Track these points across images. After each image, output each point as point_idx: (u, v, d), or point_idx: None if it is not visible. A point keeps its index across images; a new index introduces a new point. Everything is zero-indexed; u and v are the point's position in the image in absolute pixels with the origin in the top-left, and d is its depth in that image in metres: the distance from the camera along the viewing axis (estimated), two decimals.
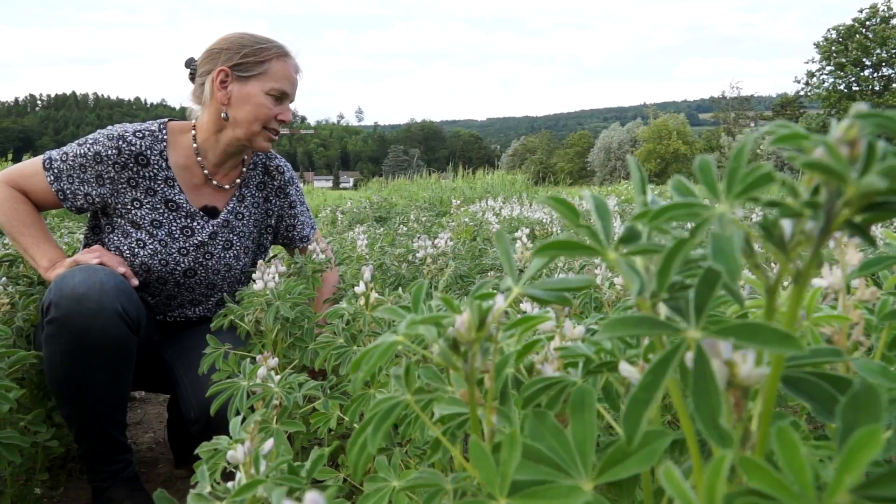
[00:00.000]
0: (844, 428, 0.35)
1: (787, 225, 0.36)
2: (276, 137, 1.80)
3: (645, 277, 0.38)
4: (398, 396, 0.55)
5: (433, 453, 0.62)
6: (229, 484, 0.71)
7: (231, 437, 0.84)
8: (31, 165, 1.68)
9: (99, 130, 1.72)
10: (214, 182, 1.81)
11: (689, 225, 0.38)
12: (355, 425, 1.06)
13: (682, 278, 0.39)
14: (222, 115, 1.74)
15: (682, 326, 0.37)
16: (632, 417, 0.37)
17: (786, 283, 0.42)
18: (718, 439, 0.34)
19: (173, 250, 1.73)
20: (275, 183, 1.93)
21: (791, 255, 0.36)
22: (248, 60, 1.71)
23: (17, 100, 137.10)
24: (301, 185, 2.10)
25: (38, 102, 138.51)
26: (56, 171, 1.66)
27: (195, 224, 1.77)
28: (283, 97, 1.77)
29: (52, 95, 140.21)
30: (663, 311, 0.40)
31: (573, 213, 0.43)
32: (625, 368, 0.50)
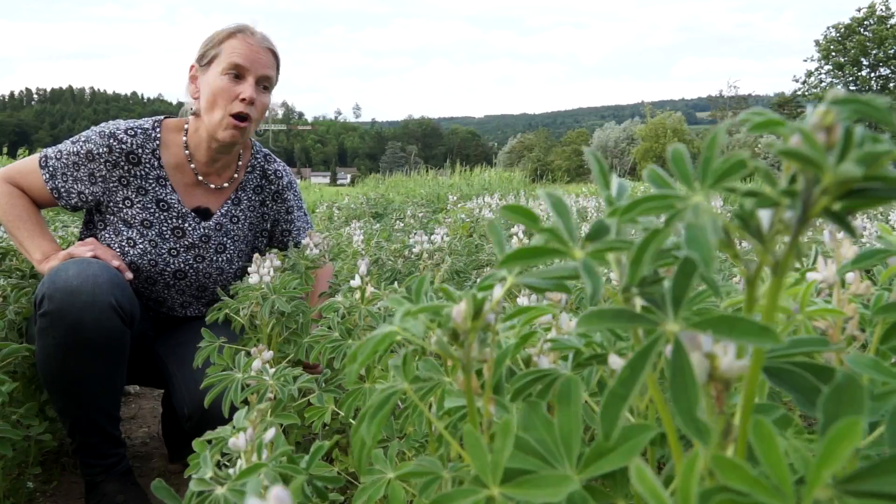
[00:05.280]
0: (826, 420, 0.35)
1: (764, 215, 0.36)
2: (243, 124, 1.67)
3: (600, 280, 0.38)
4: (395, 385, 0.54)
5: (437, 447, 0.62)
6: (230, 470, 0.71)
7: (231, 428, 0.84)
8: (28, 163, 1.68)
9: (93, 128, 1.71)
10: (203, 181, 1.78)
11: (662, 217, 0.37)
12: (352, 420, 1.06)
13: (657, 271, 0.39)
14: (193, 109, 1.73)
15: (659, 319, 0.36)
16: (609, 413, 0.37)
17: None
18: (696, 433, 0.34)
19: (163, 251, 1.72)
20: (272, 187, 1.89)
21: (769, 245, 0.36)
22: (207, 49, 1.69)
23: (12, 94, 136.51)
24: (298, 182, 2.08)
25: (35, 96, 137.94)
26: (51, 168, 1.65)
27: (186, 225, 1.75)
28: (241, 73, 1.65)
29: (49, 90, 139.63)
30: (639, 304, 0.39)
31: (531, 219, 0.43)
32: (614, 361, 0.49)
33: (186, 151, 1.75)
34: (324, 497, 0.77)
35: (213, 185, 1.79)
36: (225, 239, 1.81)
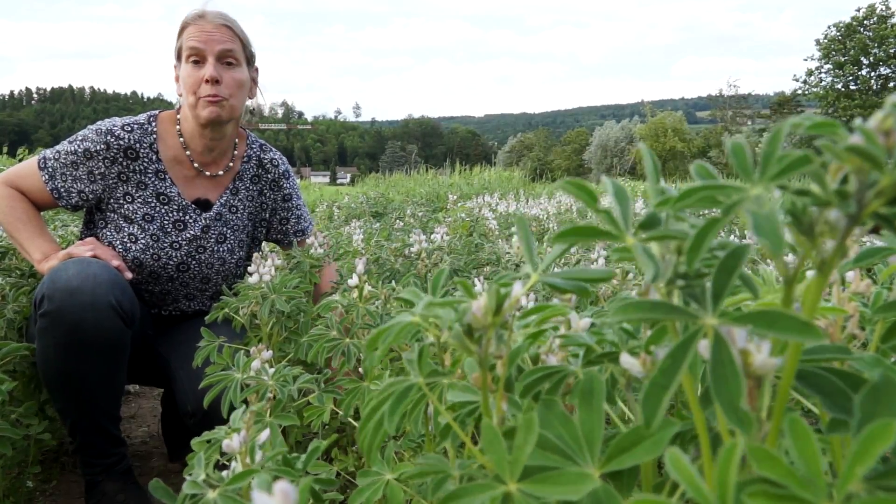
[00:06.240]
0: (862, 419, 0.35)
1: (814, 213, 0.36)
2: (216, 100, 1.67)
3: (661, 264, 0.38)
4: (410, 379, 0.54)
5: (443, 439, 0.61)
6: (224, 473, 0.71)
7: (226, 429, 0.83)
8: (28, 166, 1.68)
9: (89, 126, 1.71)
10: (207, 173, 1.79)
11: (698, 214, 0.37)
12: (350, 419, 1.05)
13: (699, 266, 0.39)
14: (179, 103, 1.76)
15: (699, 313, 0.36)
16: (651, 401, 0.37)
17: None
18: (738, 423, 0.34)
19: (165, 245, 1.72)
20: (269, 176, 1.91)
21: (816, 243, 0.36)
22: (177, 42, 1.72)
23: (12, 93, 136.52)
24: (297, 180, 2.08)
25: (35, 96, 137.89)
26: (50, 169, 1.65)
27: (188, 217, 1.75)
28: (200, 56, 1.67)
29: (49, 89, 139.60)
30: (676, 298, 0.39)
31: (591, 198, 0.43)
32: (626, 360, 0.49)
33: (182, 140, 1.76)
34: (319, 500, 0.76)
35: (208, 173, 1.80)
36: (225, 229, 1.82)
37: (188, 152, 1.76)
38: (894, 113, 0.32)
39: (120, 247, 1.69)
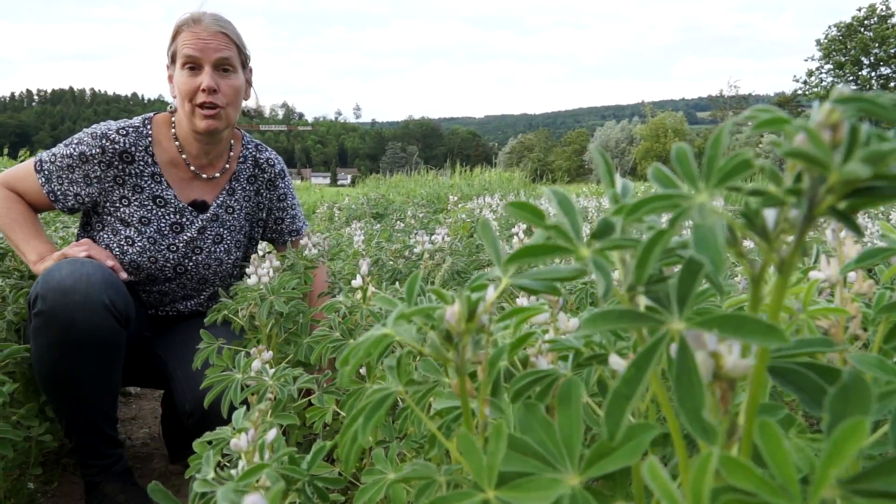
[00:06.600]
0: (832, 419, 0.35)
1: (769, 214, 0.36)
2: (214, 111, 1.67)
3: (611, 277, 0.37)
4: (390, 388, 0.54)
5: (430, 448, 0.61)
6: (233, 471, 0.71)
7: (231, 429, 0.84)
8: (24, 168, 1.69)
9: (84, 129, 1.71)
10: (203, 175, 1.79)
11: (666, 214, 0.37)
12: None
13: (662, 269, 0.39)
14: (173, 107, 1.75)
15: (664, 318, 0.36)
16: (614, 413, 0.36)
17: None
18: (702, 433, 0.34)
19: (162, 247, 1.72)
20: (265, 176, 1.91)
21: (774, 244, 0.35)
22: (169, 47, 1.71)
23: (13, 95, 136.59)
24: (293, 181, 2.08)
25: (35, 98, 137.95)
26: (46, 172, 1.66)
27: (184, 220, 1.76)
28: (196, 64, 1.65)
29: (49, 91, 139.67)
30: (643, 303, 0.39)
31: (537, 216, 0.42)
32: (615, 361, 0.49)
33: (177, 144, 1.76)
34: (325, 498, 0.77)
35: (205, 176, 1.80)
36: (221, 230, 1.82)
37: (184, 155, 1.76)
38: (839, 106, 0.32)
39: (117, 250, 1.69)
